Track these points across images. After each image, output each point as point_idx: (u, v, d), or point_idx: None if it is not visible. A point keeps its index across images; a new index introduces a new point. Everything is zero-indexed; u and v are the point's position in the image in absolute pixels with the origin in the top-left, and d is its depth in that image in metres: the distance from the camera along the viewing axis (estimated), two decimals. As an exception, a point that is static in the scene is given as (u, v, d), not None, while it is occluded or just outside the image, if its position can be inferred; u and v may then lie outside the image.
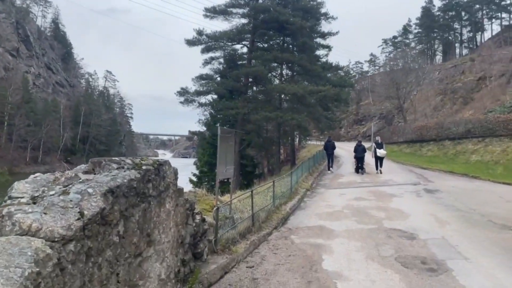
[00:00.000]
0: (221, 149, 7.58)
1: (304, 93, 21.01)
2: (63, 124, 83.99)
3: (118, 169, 3.64)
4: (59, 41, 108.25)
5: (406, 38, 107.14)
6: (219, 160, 7.57)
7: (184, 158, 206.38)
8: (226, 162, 7.88)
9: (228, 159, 8.02)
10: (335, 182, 17.65)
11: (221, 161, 7.64)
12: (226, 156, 7.92)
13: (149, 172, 3.93)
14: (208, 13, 24.39)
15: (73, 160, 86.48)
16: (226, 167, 7.88)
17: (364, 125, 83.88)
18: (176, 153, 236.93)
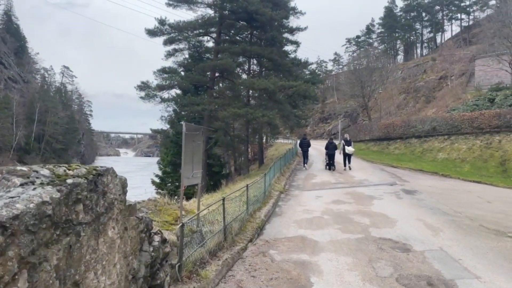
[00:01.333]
0: (186, 150, 6.26)
1: (274, 88, 19.90)
2: (16, 121, 78.92)
3: (24, 186, 2.30)
4: (11, 35, 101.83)
5: (370, 37, 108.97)
6: (184, 163, 6.25)
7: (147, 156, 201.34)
8: (192, 165, 6.57)
9: (195, 161, 6.70)
10: (309, 182, 16.66)
11: (186, 163, 6.32)
12: (193, 158, 6.61)
13: (78, 188, 2.62)
14: (171, 1, 22.69)
15: (28, 160, 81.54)
16: (192, 171, 6.56)
17: (329, 123, 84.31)
18: (139, 152, 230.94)
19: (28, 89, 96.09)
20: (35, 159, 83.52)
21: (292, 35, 29.95)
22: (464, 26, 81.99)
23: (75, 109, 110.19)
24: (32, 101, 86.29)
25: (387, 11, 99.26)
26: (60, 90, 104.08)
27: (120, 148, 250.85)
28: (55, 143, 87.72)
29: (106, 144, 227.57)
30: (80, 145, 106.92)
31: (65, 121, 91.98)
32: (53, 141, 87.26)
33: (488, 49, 57.38)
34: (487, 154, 26.87)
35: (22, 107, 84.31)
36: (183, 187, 6.45)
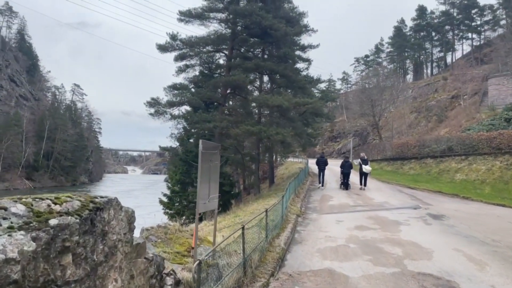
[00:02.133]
0: (203, 171, 5.48)
1: (289, 105, 19.21)
2: (26, 139, 79.13)
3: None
4: (24, 53, 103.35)
5: (379, 57, 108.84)
6: (201, 186, 5.46)
7: (154, 174, 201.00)
8: (209, 188, 5.77)
9: (212, 183, 5.91)
10: (326, 205, 15.73)
11: (203, 186, 5.53)
12: (210, 180, 5.81)
13: (66, 232, 1.84)
14: (182, 17, 22.27)
15: (36, 177, 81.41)
16: (209, 196, 5.76)
17: (339, 142, 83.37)
18: (146, 170, 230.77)
19: (39, 106, 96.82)
20: (43, 176, 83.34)
21: (303, 52, 29.48)
22: (475, 46, 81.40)
23: (85, 127, 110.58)
24: (42, 118, 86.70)
25: (396, 31, 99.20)
26: (70, 107, 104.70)
27: (128, 165, 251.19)
28: (63, 160, 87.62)
29: (114, 162, 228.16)
30: (89, 163, 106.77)
31: (74, 138, 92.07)
32: (61, 158, 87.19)
33: (502, 68, 56.56)
34: (508, 175, 25.78)
35: (32, 125, 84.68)
36: (198, 214, 5.63)
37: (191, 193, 27.46)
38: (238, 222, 10.97)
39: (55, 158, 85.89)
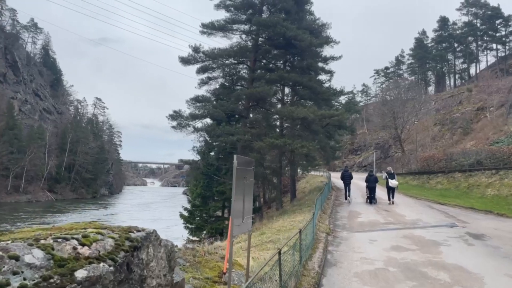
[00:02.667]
0: (237, 189, 4.98)
1: (314, 117, 18.67)
2: (49, 151, 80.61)
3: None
4: (48, 68, 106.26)
5: (399, 68, 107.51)
6: (234, 206, 4.95)
7: (173, 187, 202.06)
8: (243, 209, 5.25)
9: (246, 204, 5.40)
10: (355, 222, 15.00)
11: (236, 207, 5.02)
12: (244, 200, 5.30)
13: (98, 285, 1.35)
14: (205, 29, 22.14)
15: (58, 189, 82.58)
16: (243, 217, 5.24)
17: (359, 155, 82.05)
18: (165, 182, 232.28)
19: (62, 120, 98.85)
20: (65, 189, 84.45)
21: (325, 64, 28.98)
22: (500, 56, 79.45)
23: (105, 139, 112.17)
24: (64, 131, 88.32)
25: (417, 42, 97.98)
26: (92, 121, 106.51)
27: (147, 178, 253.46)
28: (85, 172, 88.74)
29: (133, 174, 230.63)
30: (109, 175, 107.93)
31: (95, 151, 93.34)
32: (83, 170, 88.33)
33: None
34: (544, 191, 24.46)
35: (55, 137, 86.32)
36: (231, 238, 5.11)
37: (212, 207, 27.01)
38: (266, 241, 10.42)
39: (76, 170, 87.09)
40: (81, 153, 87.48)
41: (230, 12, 22.41)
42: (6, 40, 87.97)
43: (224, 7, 22.26)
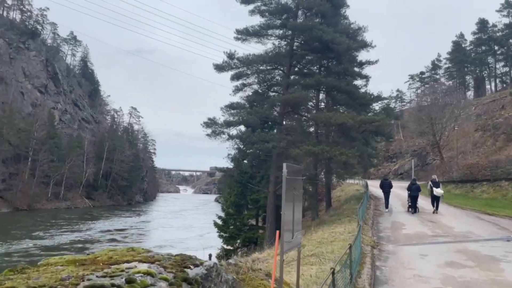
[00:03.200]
0: (287, 201, 4.49)
1: (354, 123, 17.96)
2: (87, 159, 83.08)
3: None
4: (87, 79, 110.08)
5: (435, 73, 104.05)
6: (284, 220, 4.46)
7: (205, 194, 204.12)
8: (293, 224, 4.75)
9: (296, 218, 4.89)
10: (400, 234, 14.13)
11: (287, 221, 4.52)
12: (294, 213, 4.80)
13: None
14: (239, 35, 21.93)
15: (95, 196, 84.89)
16: (293, 233, 4.73)
17: (395, 163, 79.64)
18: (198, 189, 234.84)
19: (99, 129, 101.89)
20: (102, 196, 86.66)
21: (361, 68, 28.14)
22: (546, 58, 75.30)
23: (140, 148, 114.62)
24: (102, 140, 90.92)
25: (455, 46, 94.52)
26: (128, 129, 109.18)
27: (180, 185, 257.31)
28: (120, 180, 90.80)
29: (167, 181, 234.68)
30: (144, 182, 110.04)
31: (130, 159, 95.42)
32: (119, 178, 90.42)
33: None
34: None
35: (93, 146, 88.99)
36: (281, 254, 4.61)
37: (246, 216, 26.61)
38: (308, 255, 9.83)
39: (113, 178, 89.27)
40: (117, 161, 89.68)
41: (265, 18, 22.14)
42: (48, 53, 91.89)
43: (259, 12, 22.02)
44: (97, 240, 38.33)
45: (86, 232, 42.60)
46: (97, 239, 38.96)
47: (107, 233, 43.80)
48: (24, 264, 2.65)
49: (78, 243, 35.65)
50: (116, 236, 41.88)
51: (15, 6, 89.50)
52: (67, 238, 37.15)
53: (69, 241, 35.77)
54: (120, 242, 37.72)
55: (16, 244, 32.01)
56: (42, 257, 14.95)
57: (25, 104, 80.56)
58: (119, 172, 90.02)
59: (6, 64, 79.04)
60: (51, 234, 38.84)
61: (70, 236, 38.83)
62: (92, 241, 37.21)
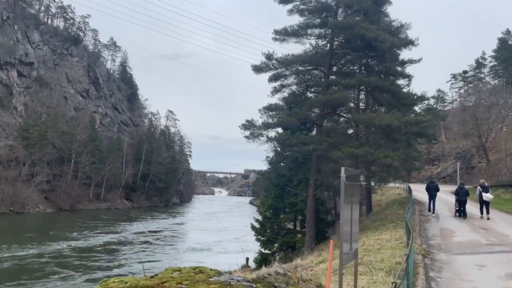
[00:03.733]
0: (345, 208, 4.06)
1: (399, 124, 17.14)
2: (126, 161, 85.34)
3: None
4: (126, 83, 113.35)
5: (480, 72, 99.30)
6: (343, 230, 4.03)
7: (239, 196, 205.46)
8: (351, 234, 4.31)
9: (354, 227, 4.44)
10: (451, 242, 13.24)
11: (345, 230, 4.09)
12: (352, 222, 4.36)
13: None
14: (278, 36, 21.55)
15: (133, 198, 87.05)
16: (351, 244, 4.29)
17: (437, 165, 76.54)
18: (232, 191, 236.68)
19: (137, 131, 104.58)
20: (140, 197, 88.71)
21: (402, 67, 27.03)
22: None
23: (177, 150, 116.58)
24: (140, 142, 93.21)
25: (501, 43, 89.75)
26: (164, 132, 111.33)
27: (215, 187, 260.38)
28: (158, 181, 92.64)
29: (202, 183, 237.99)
30: (180, 184, 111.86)
31: (167, 161, 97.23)
32: (156, 180, 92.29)
33: None
34: None
35: (131, 148, 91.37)
36: (340, 266, 4.17)
37: (283, 220, 26.16)
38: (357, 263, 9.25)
39: (150, 179, 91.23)
40: (155, 163, 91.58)
41: (304, 17, 21.65)
42: (89, 58, 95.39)
43: (297, 11, 21.56)
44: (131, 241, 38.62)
45: (121, 234, 43.17)
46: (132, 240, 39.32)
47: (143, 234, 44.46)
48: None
49: (112, 244, 35.89)
50: (154, 238, 42.46)
51: (59, 14, 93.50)
52: (101, 240, 37.55)
53: (102, 243, 36.08)
54: (158, 245, 38.17)
55: (50, 245, 32.56)
56: (73, 258, 14.95)
57: (68, 108, 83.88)
58: (156, 174, 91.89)
59: (50, 70, 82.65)
60: (86, 236, 39.57)
61: (105, 237, 39.26)
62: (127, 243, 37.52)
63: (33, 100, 74.81)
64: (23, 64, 74.90)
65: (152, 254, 32.73)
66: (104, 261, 28.65)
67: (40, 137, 63.25)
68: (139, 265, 27.50)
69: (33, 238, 35.23)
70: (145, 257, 30.17)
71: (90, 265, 26.88)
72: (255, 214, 49.63)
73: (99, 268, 26.43)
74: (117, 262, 28.83)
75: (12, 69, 72.64)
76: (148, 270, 18.81)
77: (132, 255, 31.56)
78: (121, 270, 25.97)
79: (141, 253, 32.72)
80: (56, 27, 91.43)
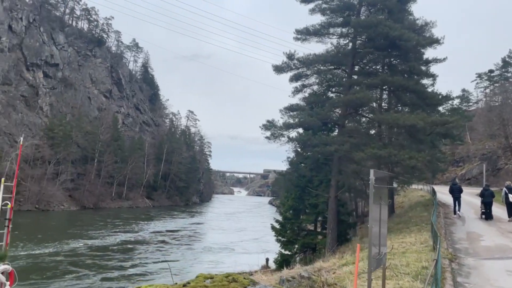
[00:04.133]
0: (374, 211, 3.93)
1: (424, 125, 16.74)
2: (147, 161, 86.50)
3: None
4: (147, 84, 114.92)
5: (506, 71, 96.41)
6: (372, 234, 3.90)
7: (258, 196, 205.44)
8: (380, 238, 4.18)
9: (383, 230, 4.31)
10: (478, 246, 12.84)
11: (374, 234, 3.96)
12: (380, 226, 4.22)
13: None
14: (299, 35, 21.38)
15: (154, 197, 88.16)
16: (380, 248, 4.16)
17: (462, 167, 74.66)
18: (251, 191, 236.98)
19: (158, 131, 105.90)
20: (161, 196, 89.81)
21: (427, 67, 26.42)
22: None
23: (197, 150, 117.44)
24: (161, 142, 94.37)
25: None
26: (185, 132, 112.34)
27: (234, 187, 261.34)
28: (178, 181, 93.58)
29: (221, 183, 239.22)
30: (200, 184, 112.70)
31: (188, 161, 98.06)
32: (177, 179, 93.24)
33: None
34: None
35: (153, 148, 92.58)
36: (369, 271, 4.05)
37: (304, 221, 25.96)
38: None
39: (171, 179, 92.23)
40: (175, 162, 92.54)
41: (326, 16, 21.42)
42: (112, 59, 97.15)
43: (319, 10, 21.33)
44: (151, 241, 38.79)
45: (141, 233, 43.37)
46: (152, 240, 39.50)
47: (163, 234, 44.77)
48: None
49: (131, 243, 36.08)
50: (173, 237, 42.77)
51: (83, 16, 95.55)
52: (118, 239, 37.84)
53: (119, 242, 36.32)
54: (179, 245, 38.42)
55: (66, 243, 32.77)
56: (87, 258, 14.94)
57: (92, 108, 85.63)
58: (177, 174, 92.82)
59: (75, 70, 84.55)
60: (103, 234, 39.83)
61: (122, 236, 39.57)
62: (147, 242, 37.74)
63: (58, 101, 76.69)
64: (48, 65, 76.91)
65: (173, 254, 32.93)
66: (126, 261, 28.91)
67: (64, 136, 64.78)
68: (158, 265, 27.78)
69: (55, 235, 35.95)
70: (166, 257, 30.33)
71: (112, 264, 27.22)
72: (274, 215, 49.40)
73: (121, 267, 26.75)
74: (138, 261, 29.15)
75: (38, 70, 74.69)
76: (175, 275, 18.86)
77: (152, 255, 31.85)
78: (139, 270, 26.21)
79: (160, 253, 32.97)
80: (80, 29, 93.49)
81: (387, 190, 4.60)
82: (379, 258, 4.21)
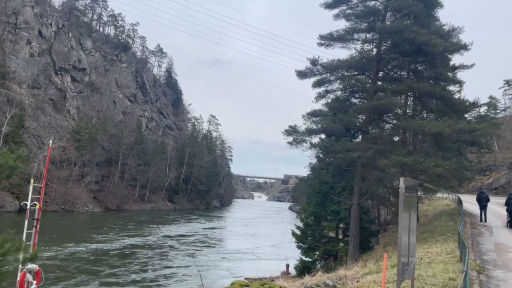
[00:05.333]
0: (403, 220, 3.87)
1: (451, 132, 16.38)
2: (169, 164, 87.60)
3: None
4: (171, 88, 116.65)
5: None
6: (402, 244, 3.84)
7: (278, 201, 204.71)
8: (409, 248, 4.11)
9: (412, 240, 4.23)
10: (508, 257, 12.42)
11: (404, 244, 3.90)
12: (410, 236, 4.15)
13: None
14: (323, 41, 21.34)
15: (176, 200, 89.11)
16: (409, 258, 4.09)
17: (489, 176, 72.56)
18: (271, 196, 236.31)
19: (181, 135, 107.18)
20: (182, 199, 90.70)
21: (453, 73, 25.84)
22: None
23: (218, 154, 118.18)
24: (183, 146, 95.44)
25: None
26: (207, 136, 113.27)
27: (254, 191, 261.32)
28: (199, 184, 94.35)
29: (242, 188, 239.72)
30: (220, 188, 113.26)
31: (209, 165, 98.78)
32: (198, 183, 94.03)
33: None
34: None
35: (175, 152, 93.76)
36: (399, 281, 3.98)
37: (325, 228, 25.72)
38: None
39: (192, 182, 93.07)
40: (197, 166, 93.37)
41: (351, 21, 21.30)
42: (137, 64, 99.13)
43: (344, 16, 21.25)
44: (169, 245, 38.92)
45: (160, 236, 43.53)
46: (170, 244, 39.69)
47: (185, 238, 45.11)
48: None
49: (148, 247, 36.07)
50: (194, 241, 43.03)
51: (110, 22, 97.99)
52: (140, 242, 38.13)
53: (141, 245, 36.59)
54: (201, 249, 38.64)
55: (74, 246, 32.21)
56: (89, 264, 14.87)
57: (117, 112, 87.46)
58: (198, 177, 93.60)
59: (101, 75, 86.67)
60: (126, 236, 40.13)
61: (143, 239, 39.84)
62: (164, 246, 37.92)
63: (85, 104, 78.67)
64: (76, 69, 79.09)
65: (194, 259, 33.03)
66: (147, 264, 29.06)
67: (90, 139, 66.32)
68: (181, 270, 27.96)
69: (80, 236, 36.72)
70: (187, 262, 30.43)
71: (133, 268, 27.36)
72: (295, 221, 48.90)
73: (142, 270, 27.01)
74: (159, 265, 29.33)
75: (66, 75, 76.94)
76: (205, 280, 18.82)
77: (173, 259, 32.08)
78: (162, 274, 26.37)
79: (181, 257, 33.15)
80: (107, 34, 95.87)
81: (417, 198, 4.52)
82: (408, 268, 4.14)
